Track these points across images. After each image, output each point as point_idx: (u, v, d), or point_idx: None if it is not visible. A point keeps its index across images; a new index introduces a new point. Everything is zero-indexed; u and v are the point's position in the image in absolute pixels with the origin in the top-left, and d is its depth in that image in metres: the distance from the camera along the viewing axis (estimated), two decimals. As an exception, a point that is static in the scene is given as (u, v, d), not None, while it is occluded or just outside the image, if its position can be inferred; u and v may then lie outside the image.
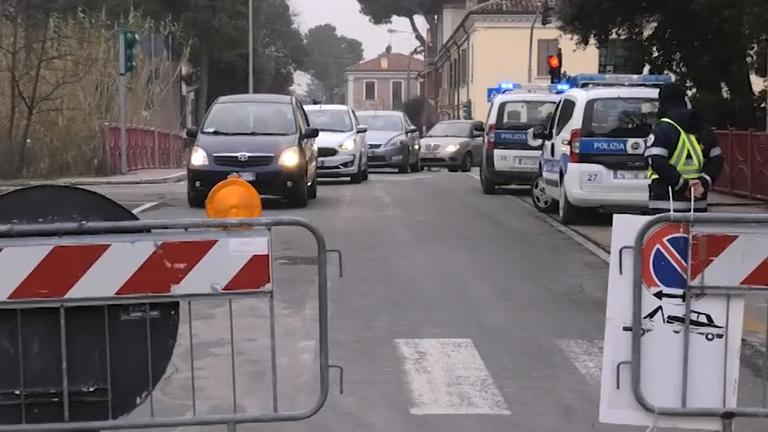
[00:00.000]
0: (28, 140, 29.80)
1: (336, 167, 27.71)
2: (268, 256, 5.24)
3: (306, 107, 32.68)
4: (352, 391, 6.63)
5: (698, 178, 10.39)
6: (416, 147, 36.69)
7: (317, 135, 22.54)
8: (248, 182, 17.34)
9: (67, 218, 5.17)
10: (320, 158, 25.57)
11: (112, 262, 5.15)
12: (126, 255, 5.17)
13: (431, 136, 40.41)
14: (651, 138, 10.69)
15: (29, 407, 5.19)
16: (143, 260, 5.17)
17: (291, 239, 12.67)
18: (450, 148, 38.85)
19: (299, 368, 8.04)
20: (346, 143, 28.17)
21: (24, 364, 5.17)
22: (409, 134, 35.57)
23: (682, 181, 10.30)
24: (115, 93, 34.36)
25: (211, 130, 21.13)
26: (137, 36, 33.84)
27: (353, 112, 32.68)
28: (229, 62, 60.00)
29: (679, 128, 10.48)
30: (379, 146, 32.91)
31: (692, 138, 10.49)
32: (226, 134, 20.99)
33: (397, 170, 33.62)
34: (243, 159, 19.98)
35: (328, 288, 5.38)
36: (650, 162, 10.65)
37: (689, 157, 10.45)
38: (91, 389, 5.21)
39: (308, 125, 22.74)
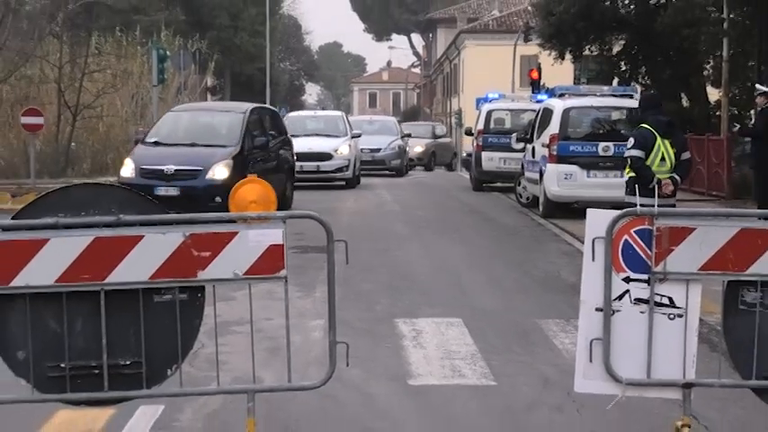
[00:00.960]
0: (72, 144, 29.82)
1: (332, 172, 25.53)
2: (283, 245, 5.23)
3: (302, 112, 31.68)
4: (356, 364, 6.63)
5: (669, 178, 10.41)
6: (408, 150, 35.30)
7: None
8: (172, 197, 15.39)
9: (106, 212, 5.16)
10: (316, 163, 24.46)
11: (146, 251, 5.14)
12: (158, 244, 5.15)
13: None
14: (631, 141, 10.65)
15: (73, 378, 5.18)
16: (173, 249, 5.16)
17: (303, 231, 12.65)
18: (417, 148, 38.05)
19: (310, 344, 8.04)
20: (341, 148, 25.84)
21: (69, 340, 5.16)
22: (404, 139, 34.80)
23: (655, 180, 10.30)
24: (148, 102, 34.24)
25: (153, 140, 17.63)
26: (168, 52, 33.67)
27: (347, 117, 30.19)
28: (249, 75, 59.88)
29: (656, 133, 10.46)
30: (379, 150, 31.28)
31: (667, 142, 10.48)
32: (165, 145, 17.32)
33: (394, 173, 31.64)
34: (169, 173, 16.28)
35: (336, 274, 5.37)
36: (629, 162, 10.64)
37: (662, 159, 10.44)
38: (127, 362, 5.20)
39: (284, 133, 20.03)
